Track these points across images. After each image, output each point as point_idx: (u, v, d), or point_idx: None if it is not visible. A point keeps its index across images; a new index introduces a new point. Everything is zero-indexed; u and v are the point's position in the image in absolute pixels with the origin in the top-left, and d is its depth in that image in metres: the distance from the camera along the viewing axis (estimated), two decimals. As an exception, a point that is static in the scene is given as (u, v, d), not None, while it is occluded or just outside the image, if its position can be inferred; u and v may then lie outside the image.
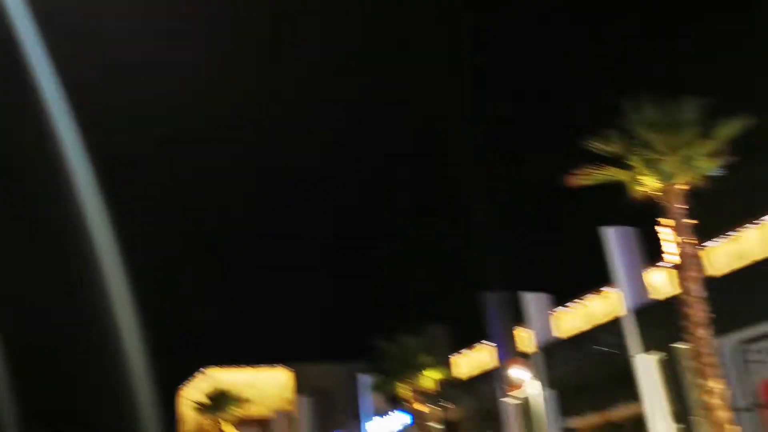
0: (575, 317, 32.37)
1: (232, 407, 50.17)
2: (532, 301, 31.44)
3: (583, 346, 27.98)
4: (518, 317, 32.75)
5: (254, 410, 61.22)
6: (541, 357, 29.91)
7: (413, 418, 35.81)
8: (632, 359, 24.92)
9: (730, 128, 17.09)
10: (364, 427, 42.03)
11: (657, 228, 18.53)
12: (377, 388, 35.67)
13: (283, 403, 64.19)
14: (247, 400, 51.70)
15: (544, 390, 28.63)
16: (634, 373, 24.84)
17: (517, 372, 28.69)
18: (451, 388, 35.42)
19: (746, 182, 25.22)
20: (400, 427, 39.09)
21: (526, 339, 33.29)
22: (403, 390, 33.18)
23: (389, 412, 40.12)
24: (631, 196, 18.38)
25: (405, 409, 37.10)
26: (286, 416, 55.53)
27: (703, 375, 17.07)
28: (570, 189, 18.15)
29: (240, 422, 52.74)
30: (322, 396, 50.11)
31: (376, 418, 41.41)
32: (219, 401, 50.10)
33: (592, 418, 27.76)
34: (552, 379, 29.24)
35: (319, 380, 57.26)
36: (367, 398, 41.97)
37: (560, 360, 29.04)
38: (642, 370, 24.69)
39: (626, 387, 25.30)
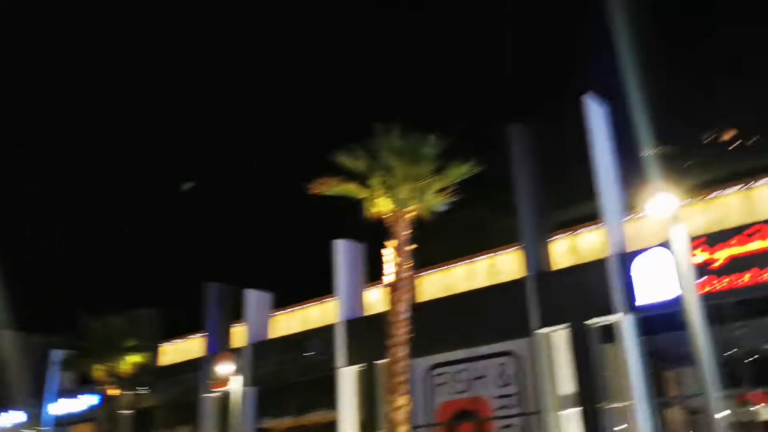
0: (292, 321, 33.35)
1: None
2: (253, 298, 31.76)
3: (292, 349, 28.87)
4: (237, 313, 32.86)
5: None
6: (250, 354, 30.25)
7: (102, 401, 33.95)
8: (336, 368, 26.30)
9: (460, 171, 18.94)
10: (46, 407, 38.72)
11: (382, 249, 19.88)
12: (69, 365, 33.24)
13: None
14: None
15: (245, 387, 28.94)
16: (335, 382, 26.23)
17: (223, 367, 28.64)
18: (152, 375, 34.26)
19: (462, 223, 28.33)
20: (85, 408, 36.76)
21: (240, 335, 33.45)
22: (99, 371, 31.34)
23: (79, 394, 37.52)
24: (364, 214, 19.47)
25: (96, 392, 35.03)
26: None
27: (393, 391, 18.58)
28: (313, 198, 18.80)
29: None
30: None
31: (63, 400, 38.42)
32: None
33: (287, 421, 28.69)
34: (256, 378, 29.70)
35: None
36: (56, 376, 38.82)
37: (268, 360, 29.64)
38: (343, 380, 26.19)
39: (325, 394, 26.64)
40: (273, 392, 29.38)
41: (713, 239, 19.16)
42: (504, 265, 26.91)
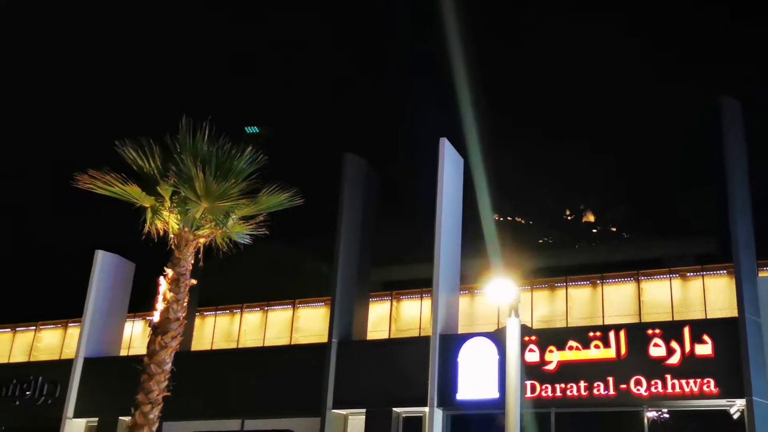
0: (16, 344, 30.89)
1: None
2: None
3: (7, 383, 26.62)
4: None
5: None
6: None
7: None
8: (62, 419, 24.55)
9: (277, 199, 18.52)
10: None
11: (158, 276, 18.88)
12: None
13: None
14: None
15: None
16: (56, 436, 24.47)
17: None
18: None
19: (265, 261, 27.98)
20: None
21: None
22: None
23: None
24: (144, 227, 18.44)
25: None
26: None
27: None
28: (79, 196, 17.46)
29: None
30: None
31: None
32: None
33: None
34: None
35: None
36: None
37: None
38: (68, 435, 24.50)
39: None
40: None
41: (549, 338, 20.20)
42: (307, 321, 26.78)
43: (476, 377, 20.27)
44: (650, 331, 19.29)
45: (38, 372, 26.48)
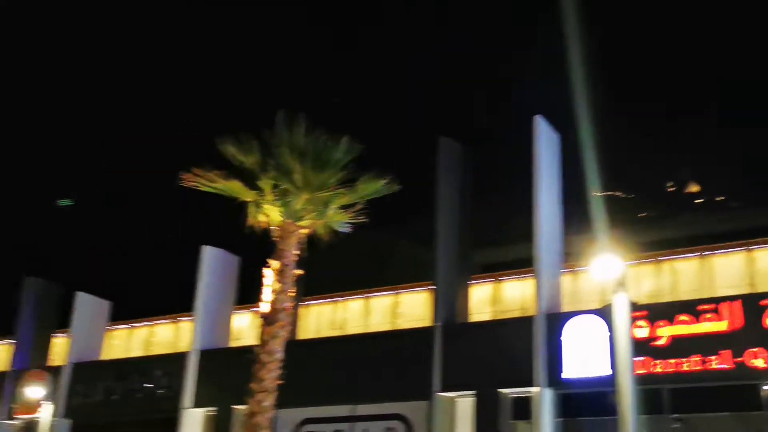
0: (133, 340, 32.19)
1: None
2: (85, 304, 30.40)
3: (126, 377, 27.79)
4: (62, 321, 31.45)
5: None
6: (70, 376, 28.90)
7: None
8: (180, 409, 25.47)
9: (374, 186, 18.70)
10: None
11: (262, 267, 19.35)
12: None
13: None
14: None
15: (55, 419, 27.55)
16: (176, 427, 25.38)
17: (34, 389, 27.20)
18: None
19: (366, 249, 28.25)
20: None
21: (61, 350, 31.97)
22: None
23: None
24: (246, 221, 18.92)
25: None
26: None
27: (249, 448, 18.02)
28: (183, 193, 18.07)
29: None
30: None
31: None
32: None
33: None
34: (73, 408, 28.41)
35: None
36: None
37: (93, 387, 28.42)
38: (186, 425, 25.37)
39: (163, 439, 25.76)
40: (93, 430, 28.13)
41: (658, 312, 19.77)
42: (409, 307, 26.96)
43: (583, 355, 20.05)
44: (765, 301, 18.65)
45: (156, 365, 27.58)
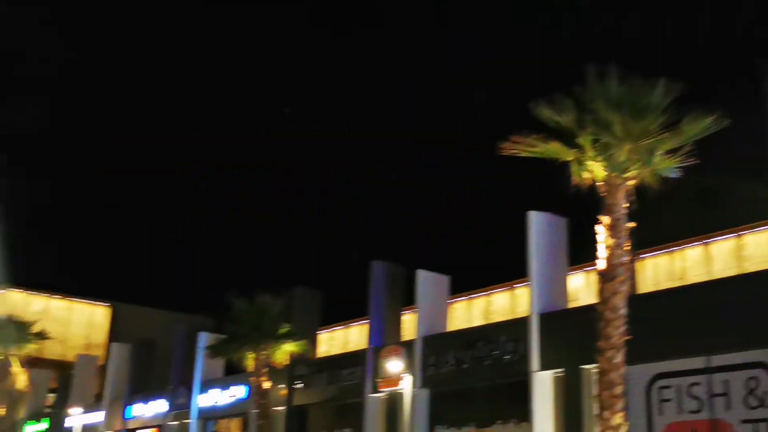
0: (473, 310, 33.50)
1: (24, 340, 48.61)
2: (427, 281, 32.12)
3: (473, 346, 28.97)
4: (408, 299, 33.47)
5: (54, 349, 60.08)
6: (422, 349, 30.75)
7: (250, 393, 36.12)
8: (530, 372, 26.07)
9: (700, 125, 17.80)
10: (192, 397, 41.95)
11: (594, 225, 19.25)
12: (218, 351, 35.57)
13: (92, 346, 63.39)
14: (45, 335, 50.27)
15: (416, 389, 29.51)
16: (528, 389, 26.02)
17: (393, 363, 29.36)
18: (308, 367, 35.92)
19: (698, 192, 26.81)
20: (231, 401, 39.37)
21: (410, 325, 34.12)
22: (250, 360, 33.31)
23: (226, 385, 40.24)
24: (570, 181, 18.94)
25: (244, 382, 37.36)
26: (89, 362, 54.64)
27: (606, 407, 18.05)
28: (503, 162, 18.51)
29: (32, 361, 51.32)
30: (143, 347, 49.46)
31: (209, 390, 41.41)
32: (6, 330, 48.34)
33: (468, 432, 29.00)
34: (429, 379, 30.18)
35: (143, 328, 56.62)
36: (203, 362, 41.84)
37: (444, 357, 29.98)
38: (537, 388, 25.90)
39: (516, 403, 26.52)
40: (449, 397, 29.72)
41: None
42: (754, 248, 25.27)
43: None
44: None
45: (499, 332, 28.46)
